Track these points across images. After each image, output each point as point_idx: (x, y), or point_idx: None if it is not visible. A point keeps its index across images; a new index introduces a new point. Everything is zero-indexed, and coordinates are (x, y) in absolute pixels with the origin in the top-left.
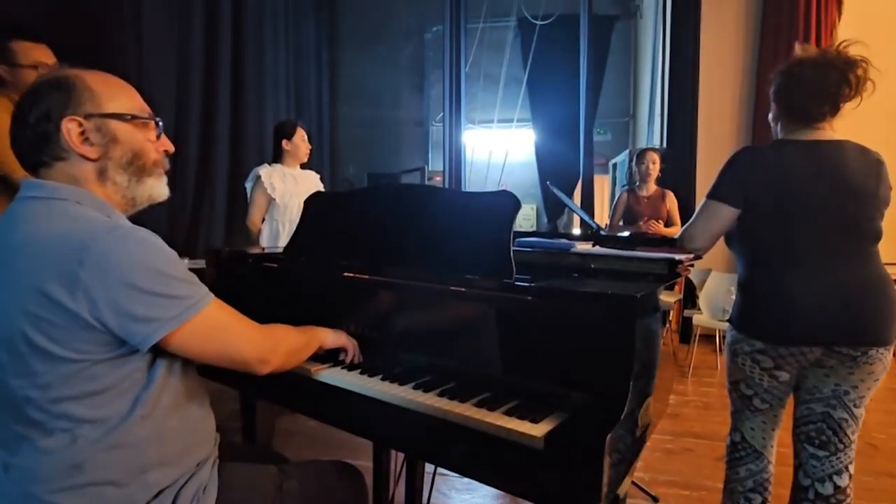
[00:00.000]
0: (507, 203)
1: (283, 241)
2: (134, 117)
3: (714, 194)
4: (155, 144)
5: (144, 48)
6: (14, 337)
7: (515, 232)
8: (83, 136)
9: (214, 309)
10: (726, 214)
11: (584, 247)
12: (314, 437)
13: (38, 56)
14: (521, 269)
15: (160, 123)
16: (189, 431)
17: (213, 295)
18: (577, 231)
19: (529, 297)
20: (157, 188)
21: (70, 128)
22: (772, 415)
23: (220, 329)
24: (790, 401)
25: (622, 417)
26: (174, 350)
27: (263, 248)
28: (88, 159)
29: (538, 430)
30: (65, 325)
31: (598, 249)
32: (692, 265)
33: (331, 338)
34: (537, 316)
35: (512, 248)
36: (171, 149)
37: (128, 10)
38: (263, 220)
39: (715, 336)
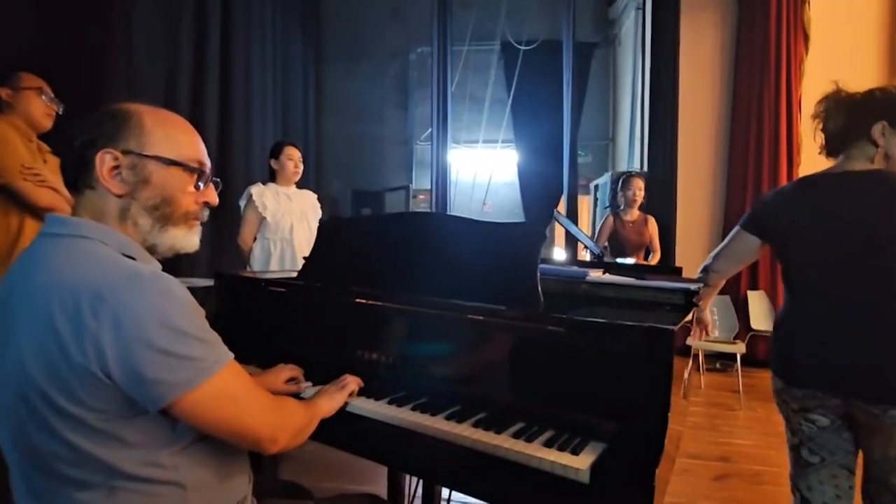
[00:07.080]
0: (533, 234)
1: (275, 261)
2: (174, 163)
3: (740, 221)
4: (195, 195)
5: (132, 66)
6: (30, 392)
7: None
8: (116, 170)
9: (228, 375)
10: (745, 241)
11: (595, 275)
12: (313, 462)
13: (40, 83)
14: None
15: (205, 173)
16: (224, 476)
17: (230, 356)
18: (560, 253)
19: (562, 329)
20: (183, 239)
21: (105, 159)
22: (828, 474)
23: (231, 399)
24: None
25: (664, 449)
26: (180, 416)
27: (253, 270)
28: (113, 194)
29: (581, 462)
30: (74, 378)
31: (613, 278)
32: None
33: (327, 408)
34: (569, 347)
35: (539, 279)
36: (215, 202)
37: (116, 27)
38: (255, 238)
39: (698, 355)
